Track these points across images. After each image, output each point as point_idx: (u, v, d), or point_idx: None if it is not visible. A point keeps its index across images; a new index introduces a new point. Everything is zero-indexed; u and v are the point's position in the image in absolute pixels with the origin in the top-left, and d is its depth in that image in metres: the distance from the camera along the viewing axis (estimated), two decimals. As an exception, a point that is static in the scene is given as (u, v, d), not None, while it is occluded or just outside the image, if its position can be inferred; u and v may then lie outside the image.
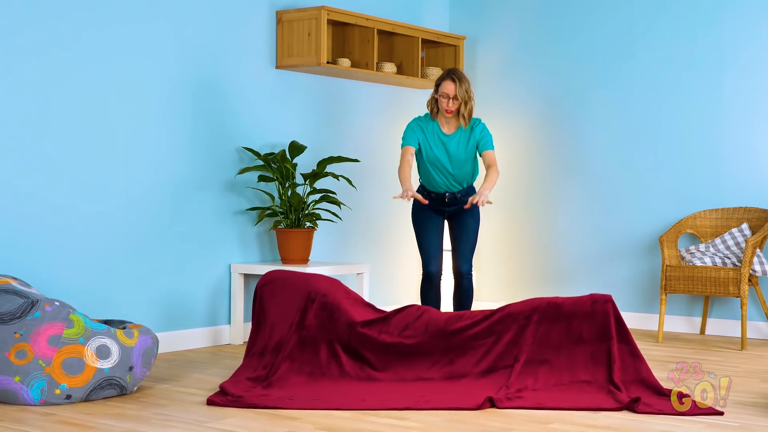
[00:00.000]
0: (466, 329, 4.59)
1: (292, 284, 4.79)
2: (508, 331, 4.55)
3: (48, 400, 4.10)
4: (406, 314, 4.71)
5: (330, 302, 4.70)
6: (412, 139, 5.43)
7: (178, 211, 5.56)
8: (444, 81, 5.36)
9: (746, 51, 6.32)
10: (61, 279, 5.03)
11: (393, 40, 6.71)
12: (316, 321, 4.66)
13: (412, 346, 4.59)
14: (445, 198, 5.50)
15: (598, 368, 4.43)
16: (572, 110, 6.93)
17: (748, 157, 6.31)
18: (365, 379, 4.55)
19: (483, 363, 4.54)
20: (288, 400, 4.21)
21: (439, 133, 5.43)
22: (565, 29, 6.95)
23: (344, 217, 6.55)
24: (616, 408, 4.13)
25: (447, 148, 5.41)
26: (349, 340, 4.62)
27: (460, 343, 4.58)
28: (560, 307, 4.52)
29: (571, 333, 4.49)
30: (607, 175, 6.80)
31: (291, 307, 4.74)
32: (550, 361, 4.47)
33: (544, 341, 4.50)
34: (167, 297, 5.53)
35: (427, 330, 4.62)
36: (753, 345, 6.01)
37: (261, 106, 6.03)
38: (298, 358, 4.60)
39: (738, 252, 6.08)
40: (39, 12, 4.90)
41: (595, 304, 4.49)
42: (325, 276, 4.87)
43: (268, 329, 4.74)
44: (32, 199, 4.90)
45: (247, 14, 5.93)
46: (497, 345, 4.54)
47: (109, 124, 5.22)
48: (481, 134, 5.43)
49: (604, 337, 4.45)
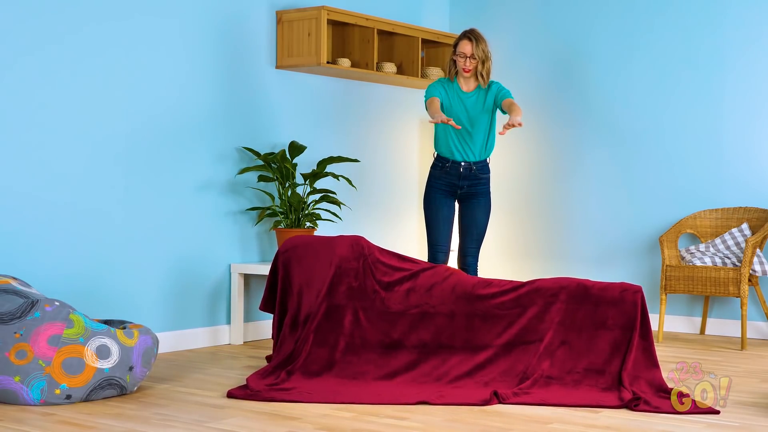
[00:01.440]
0: (492, 297, 4.62)
1: (316, 251, 4.82)
2: (533, 305, 4.57)
3: (48, 400, 4.10)
4: (434, 273, 4.75)
5: (355, 267, 4.74)
6: (435, 91, 5.52)
7: (178, 211, 5.56)
8: (461, 40, 5.48)
9: (747, 51, 6.32)
10: (61, 279, 5.03)
11: (393, 40, 6.71)
12: (344, 288, 4.71)
13: (436, 307, 4.64)
14: (460, 168, 5.51)
15: (615, 358, 4.44)
16: (572, 110, 6.93)
17: (749, 157, 6.31)
18: (388, 349, 4.60)
19: (505, 335, 4.56)
20: (307, 394, 4.26)
21: (459, 92, 5.54)
22: (565, 29, 6.95)
23: (344, 217, 6.55)
24: (616, 405, 4.15)
25: (465, 105, 5.51)
26: (374, 305, 4.67)
27: (485, 309, 4.60)
28: (589, 290, 4.54)
29: (596, 317, 4.50)
30: (607, 175, 6.80)
31: (317, 274, 4.77)
32: (570, 343, 4.49)
33: (568, 321, 4.52)
34: (167, 297, 5.53)
35: (454, 292, 4.65)
36: (753, 345, 6.01)
37: (261, 106, 6.03)
38: (324, 327, 4.65)
39: (738, 252, 6.08)
40: (34, 9, 4.89)
41: (624, 292, 4.51)
42: (347, 238, 4.87)
43: (295, 297, 4.77)
44: (32, 199, 4.89)
45: (247, 14, 5.93)
46: (521, 318, 4.56)
47: (108, 124, 5.22)
48: (497, 89, 5.55)
49: (627, 327, 4.46)
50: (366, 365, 4.58)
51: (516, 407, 4.15)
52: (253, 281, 5.98)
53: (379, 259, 4.81)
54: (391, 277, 4.74)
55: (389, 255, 4.86)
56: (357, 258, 4.76)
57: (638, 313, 4.47)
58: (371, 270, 4.75)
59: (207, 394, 4.37)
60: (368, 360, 4.59)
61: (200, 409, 4.07)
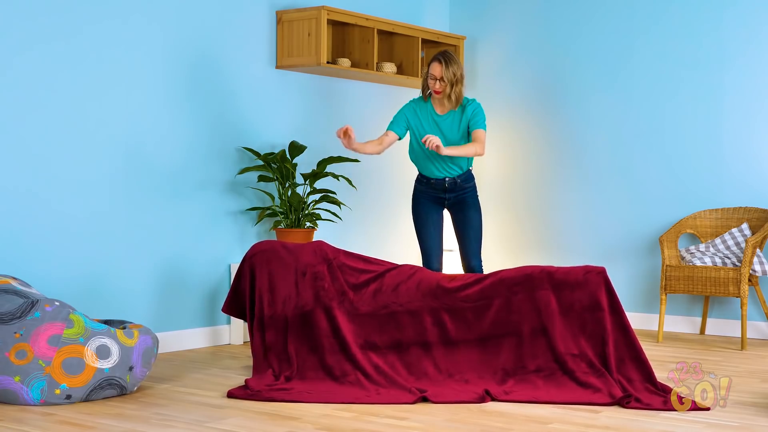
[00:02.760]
0: (457, 290, 4.63)
1: (280, 257, 4.83)
2: (498, 297, 4.57)
3: (48, 400, 4.10)
4: (399, 272, 4.76)
5: (321, 271, 4.75)
6: (398, 125, 5.45)
7: (178, 211, 5.56)
8: (432, 62, 5.38)
9: (747, 51, 6.32)
10: (61, 279, 5.03)
11: (393, 40, 6.71)
12: (314, 291, 4.71)
13: (404, 305, 4.64)
14: (444, 183, 5.49)
15: (589, 341, 4.45)
16: (572, 110, 6.92)
17: (749, 157, 6.31)
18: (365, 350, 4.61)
19: (478, 329, 4.57)
20: (307, 394, 4.28)
21: (433, 114, 5.45)
22: (565, 29, 6.95)
23: (344, 217, 6.55)
24: (608, 403, 4.18)
25: (440, 128, 5.43)
26: (344, 307, 4.68)
27: (451, 303, 4.61)
28: (553, 276, 4.54)
29: (562, 302, 4.50)
30: (607, 175, 6.80)
31: (281, 280, 4.78)
32: (545, 331, 4.49)
33: (536, 309, 4.51)
34: (167, 297, 5.53)
35: (419, 288, 4.67)
36: (753, 345, 6.01)
37: (261, 106, 6.03)
38: (304, 334, 4.66)
39: (738, 252, 6.08)
40: (33, 8, 4.89)
41: (588, 274, 4.51)
42: (309, 245, 4.89)
43: (258, 301, 4.77)
44: (31, 200, 4.89)
45: (247, 14, 5.93)
46: (489, 310, 4.56)
47: (108, 124, 5.22)
48: (473, 113, 5.42)
49: (594, 308, 4.46)
50: (351, 363, 4.58)
51: (516, 407, 4.15)
52: (253, 281, 5.98)
53: (345, 263, 4.83)
54: (358, 279, 4.76)
55: (354, 257, 4.88)
56: (321, 262, 4.78)
57: (603, 292, 4.47)
58: (337, 273, 4.77)
59: (207, 394, 4.37)
60: (351, 357, 4.59)
61: (200, 409, 4.07)
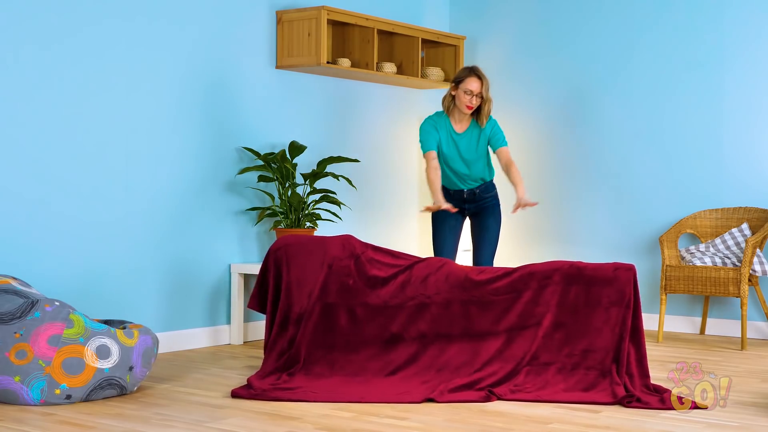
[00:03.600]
0: (487, 283, 4.63)
1: (308, 250, 4.83)
2: (527, 290, 4.58)
3: (48, 400, 4.10)
4: (427, 264, 4.76)
5: (347, 265, 4.76)
6: (431, 142, 5.39)
7: (178, 211, 5.56)
8: (469, 77, 5.32)
9: (747, 51, 6.31)
10: (61, 279, 5.03)
11: (393, 40, 6.71)
12: (336, 287, 4.72)
13: (432, 297, 4.65)
14: (464, 194, 5.51)
15: (609, 336, 4.45)
16: (572, 110, 6.92)
17: (749, 157, 6.31)
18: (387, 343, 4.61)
19: (503, 321, 4.57)
20: (311, 393, 4.28)
21: (451, 131, 5.44)
22: (566, 29, 6.95)
23: (344, 217, 6.55)
24: (610, 402, 4.19)
25: (458, 146, 5.42)
26: (370, 301, 4.69)
27: (480, 296, 4.61)
28: (582, 270, 4.55)
29: (590, 297, 4.51)
30: (607, 175, 6.79)
31: (309, 274, 4.78)
32: (566, 325, 4.50)
33: (563, 303, 4.53)
34: (167, 297, 5.53)
35: (448, 280, 4.67)
36: (753, 345, 6.01)
37: (261, 106, 6.03)
38: (321, 328, 4.67)
39: (738, 252, 6.08)
40: (34, 8, 4.89)
41: (617, 270, 4.52)
42: (338, 238, 4.89)
43: (284, 295, 4.77)
44: (31, 199, 4.89)
45: (247, 14, 5.93)
46: (517, 303, 4.57)
47: (108, 125, 5.22)
48: (492, 131, 5.43)
49: (621, 305, 4.47)
50: (367, 362, 4.59)
51: (516, 407, 4.15)
52: (253, 281, 5.98)
53: (373, 257, 4.83)
54: (387, 272, 4.77)
55: (382, 252, 4.90)
56: (349, 256, 4.79)
57: (631, 291, 4.48)
58: (365, 267, 4.77)
59: (207, 394, 4.37)
60: (369, 356, 4.61)
61: (200, 409, 4.07)
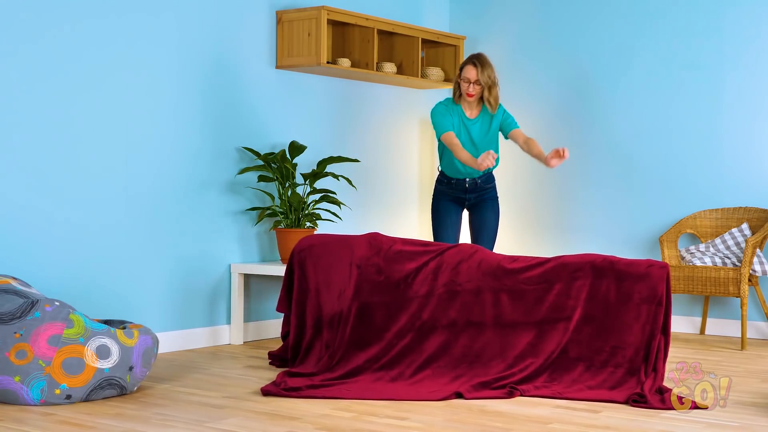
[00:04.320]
0: (519, 271, 4.62)
1: (334, 251, 4.84)
2: (559, 281, 4.57)
3: (48, 400, 4.10)
4: (459, 251, 4.76)
5: (376, 263, 4.77)
6: (446, 123, 5.45)
7: (178, 211, 5.56)
8: (466, 65, 5.44)
9: (747, 51, 6.32)
10: (61, 279, 5.03)
11: (393, 40, 6.71)
12: (369, 285, 4.72)
13: (463, 284, 4.64)
14: (465, 184, 5.52)
15: (640, 333, 4.44)
16: (572, 110, 6.92)
17: (749, 156, 6.31)
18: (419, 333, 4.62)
19: (534, 312, 4.56)
20: (346, 391, 4.31)
21: (462, 117, 5.50)
22: (566, 29, 6.95)
23: (344, 217, 6.55)
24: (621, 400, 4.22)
25: (470, 132, 5.47)
26: (402, 293, 4.68)
27: (512, 284, 4.60)
28: (615, 264, 4.53)
29: (621, 292, 4.49)
30: (607, 175, 6.79)
31: (336, 275, 4.78)
32: (596, 320, 4.49)
33: (595, 296, 4.51)
34: (167, 297, 5.53)
35: (480, 268, 4.66)
36: (753, 345, 6.01)
37: (261, 106, 6.03)
38: (358, 328, 4.69)
39: (738, 252, 6.08)
40: (28, 6, 4.89)
41: (650, 267, 4.50)
42: (364, 237, 4.89)
43: (313, 297, 4.78)
44: (31, 199, 4.89)
45: (247, 14, 5.93)
46: (548, 293, 4.56)
47: (108, 124, 5.22)
48: (503, 116, 5.51)
49: (652, 301, 4.45)
50: (401, 354, 4.60)
51: (516, 407, 4.15)
52: (253, 281, 5.98)
53: (402, 249, 4.81)
54: (418, 261, 4.75)
55: (411, 243, 4.89)
56: (377, 253, 4.78)
57: (664, 287, 4.46)
58: (394, 260, 4.76)
59: (207, 394, 4.37)
60: (403, 348, 4.61)
61: (200, 409, 4.07)
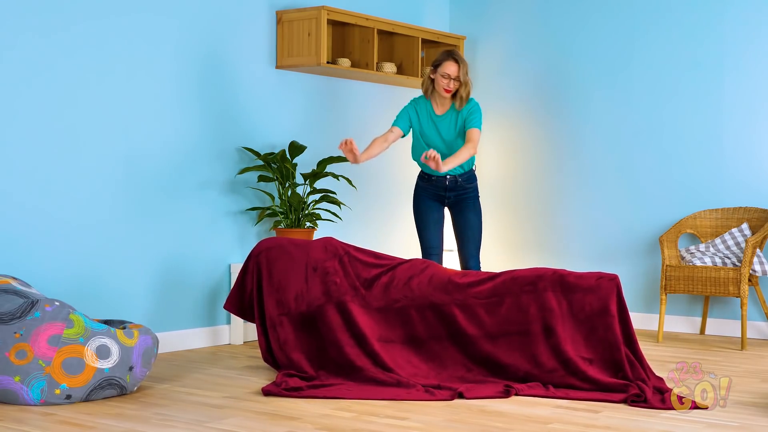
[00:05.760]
0: (469, 286, 4.63)
1: (290, 253, 4.87)
2: (510, 295, 4.57)
3: (48, 400, 4.10)
4: (411, 266, 4.78)
5: (332, 266, 4.78)
6: (402, 120, 5.48)
7: (178, 210, 5.56)
8: (446, 61, 5.37)
9: (747, 51, 6.32)
10: (61, 279, 5.03)
11: (393, 40, 6.71)
12: (324, 289, 4.73)
13: (416, 300, 4.65)
14: (446, 182, 5.51)
15: (599, 346, 4.45)
16: (572, 110, 6.92)
17: (749, 156, 6.31)
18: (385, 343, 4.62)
19: (486, 326, 4.56)
20: (346, 391, 4.32)
21: (431, 113, 5.48)
22: (565, 29, 6.95)
23: (344, 217, 6.55)
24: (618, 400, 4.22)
25: (438, 128, 5.45)
26: (357, 301, 4.70)
27: (463, 299, 4.61)
28: (564, 278, 4.54)
29: (573, 305, 4.51)
30: (607, 175, 6.79)
31: (293, 278, 4.80)
32: (555, 333, 4.48)
33: (544, 310, 4.51)
34: (167, 297, 5.53)
35: (431, 283, 4.67)
36: (753, 345, 6.01)
37: (261, 106, 6.03)
38: (315, 330, 4.70)
39: (738, 252, 6.08)
40: (25, 4, 4.89)
41: (600, 280, 4.51)
42: (319, 241, 4.92)
43: (272, 299, 4.79)
44: (31, 199, 4.89)
45: (247, 14, 5.93)
46: (500, 307, 4.56)
47: (107, 123, 5.22)
48: (468, 112, 5.42)
49: (603, 314, 4.46)
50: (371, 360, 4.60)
51: (516, 407, 4.15)
52: (253, 281, 5.98)
53: (356, 257, 4.86)
54: (369, 273, 4.78)
55: (364, 252, 4.92)
56: (332, 257, 4.80)
57: (614, 299, 4.47)
58: (349, 267, 4.79)
59: (207, 394, 4.37)
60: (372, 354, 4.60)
61: (200, 409, 4.07)
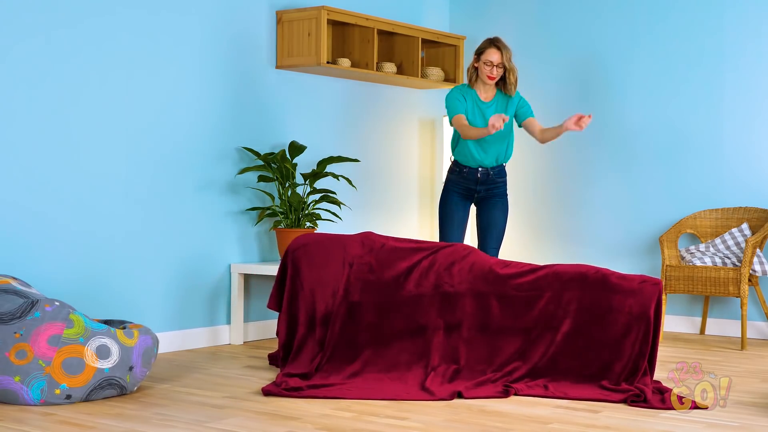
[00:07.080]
0: (510, 277, 4.61)
1: (327, 249, 4.84)
2: (550, 290, 4.55)
3: (48, 400, 4.10)
4: (453, 251, 4.74)
5: (368, 262, 4.75)
6: (459, 107, 5.49)
7: (178, 211, 5.56)
8: (489, 48, 5.46)
9: (747, 50, 6.32)
10: (62, 279, 5.03)
11: (393, 40, 6.71)
12: (360, 285, 4.71)
13: (455, 286, 4.63)
14: (477, 174, 5.53)
15: (629, 348, 4.43)
16: (572, 110, 6.92)
17: (749, 156, 6.31)
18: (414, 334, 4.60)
19: (521, 319, 4.55)
20: (347, 391, 4.31)
21: (477, 101, 5.52)
22: (565, 29, 6.95)
23: (344, 217, 6.55)
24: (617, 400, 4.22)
25: (485, 114, 5.49)
26: (395, 293, 4.67)
27: (502, 290, 4.59)
28: (607, 278, 4.53)
29: (613, 306, 4.48)
30: (607, 175, 6.79)
31: (330, 274, 4.78)
32: (585, 333, 4.47)
33: (585, 308, 4.50)
34: (167, 297, 5.53)
35: (472, 271, 4.65)
36: (753, 345, 6.01)
37: (261, 106, 6.03)
38: (349, 327, 4.67)
39: (738, 252, 6.08)
40: (28, 4, 4.89)
41: (643, 283, 4.50)
42: (357, 236, 4.89)
43: (308, 296, 4.79)
44: (31, 200, 4.89)
45: (247, 14, 5.93)
46: (539, 301, 4.54)
47: (108, 124, 5.22)
48: (520, 102, 5.53)
49: (642, 318, 4.44)
50: (397, 355, 4.60)
51: (516, 407, 4.15)
52: (254, 281, 5.98)
53: (396, 247, 4.80)
54: (410, 260, 4.74)
55: (405, 240, 4.88)
56: (369, 252, 4.78)
57: (653, 305, 4.45)
58: (386, 259, 4.75)
59: (207, 394, 4.37)
60: (398, 350, 4.60)
61: (200, 409, 4.07)
